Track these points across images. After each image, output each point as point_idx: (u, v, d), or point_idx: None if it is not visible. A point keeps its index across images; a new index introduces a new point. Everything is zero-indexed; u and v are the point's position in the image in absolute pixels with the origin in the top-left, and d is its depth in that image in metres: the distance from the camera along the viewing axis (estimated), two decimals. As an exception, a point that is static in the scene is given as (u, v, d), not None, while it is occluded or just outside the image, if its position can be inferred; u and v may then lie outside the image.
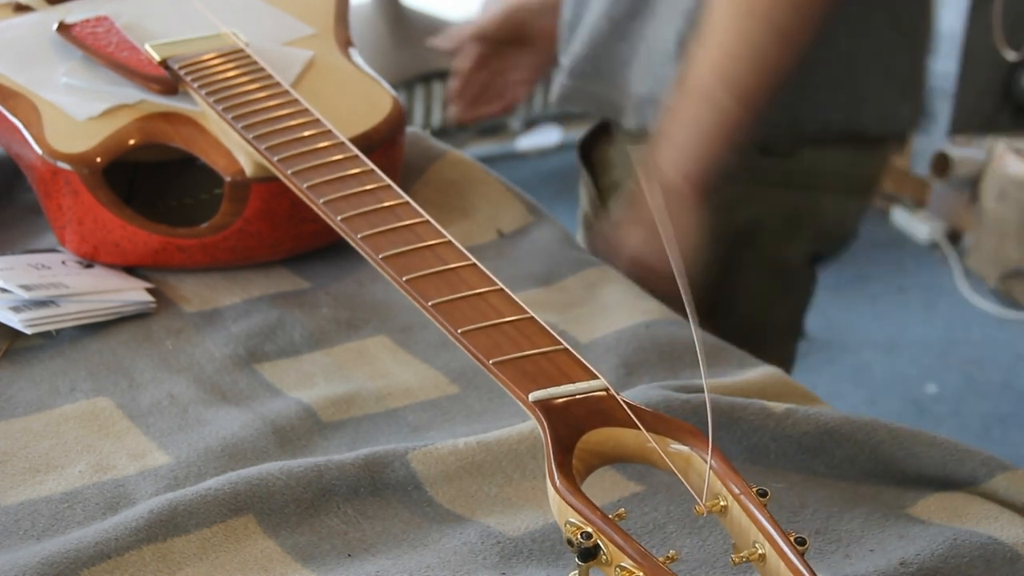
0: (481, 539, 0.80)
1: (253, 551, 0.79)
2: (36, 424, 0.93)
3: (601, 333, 1.05)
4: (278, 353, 1.02)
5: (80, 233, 1.10)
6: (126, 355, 1.01)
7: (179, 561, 0.78)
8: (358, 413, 0.95)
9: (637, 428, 0.72)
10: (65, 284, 1.06)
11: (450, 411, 0.96)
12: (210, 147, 1.10)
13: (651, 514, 0.82)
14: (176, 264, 1.11)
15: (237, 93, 1.10)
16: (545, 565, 0.78)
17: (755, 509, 0.66)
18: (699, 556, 0.79)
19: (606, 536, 0.64)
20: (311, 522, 0.82)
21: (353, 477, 0.84)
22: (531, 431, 0.88)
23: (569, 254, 1.18)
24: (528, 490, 0.86)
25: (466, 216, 1.22)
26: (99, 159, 1.09)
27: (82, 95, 1.14)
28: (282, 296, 1.10)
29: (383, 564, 0.78)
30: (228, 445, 0.90)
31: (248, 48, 1.17)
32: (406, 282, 0.85)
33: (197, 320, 1.06)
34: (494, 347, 0.78)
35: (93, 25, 1.20)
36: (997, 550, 0.78)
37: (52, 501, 0.84)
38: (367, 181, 0.97)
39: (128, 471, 0.88)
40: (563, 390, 0.74)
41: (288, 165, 1.00)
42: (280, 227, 1.11)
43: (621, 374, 1.00)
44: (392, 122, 1.17)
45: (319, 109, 1.07)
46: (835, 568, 0.78)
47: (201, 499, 0.81)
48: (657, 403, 0.88)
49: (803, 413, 0.90)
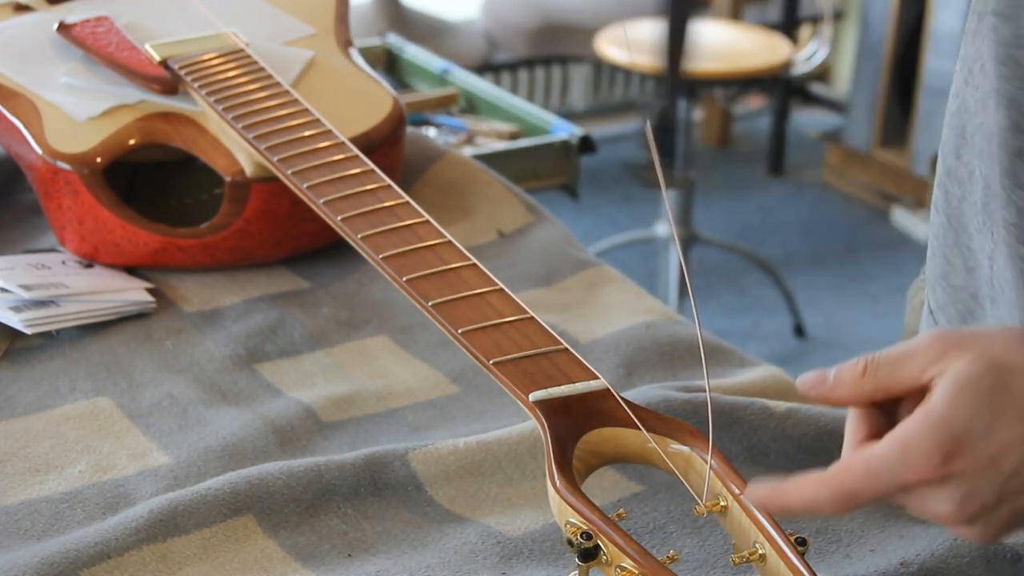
0: (481, 539, 0.80)
1: (253, 551, 0.79)
2: (36, 424, 0.93)
3: (601, 333, 1.05)
4: (278, 353, 1.02)
5: (80, 233, 1.10)
6: (126, 355, 1.01)
7: (179, 561, 0.78)
8: (358, 413, 0.95)
9: (637, 428, 0.72)
10: (65, 284, 1.06)
11: (450, 411, 0.96)
12: (210, 147, 1.10)
13: (651, 514, 0.82)
14: (176, 264, 1.11)
15: (237, 93, 1.10)
16: (545, 565, 0.78)
17: (755, 509, 0.66)
18: (699, 556, 0.79)
19: (606, 536, 0.64)
20: (311, 522, 0.82)
21: (353, 477, 0.84)
22: (531, 431, 0.88)
23: (569, 254, 1.18)
24: (528, 490, 0.86)
25: (466, 216, 1.22)
26: (99, 159, 1.09)
27: (82, 95, 1.14)
28: (282, 296, 1.10)
29: (383, 564, 0.78)
30: (228, 445, 0.90)
31: (248, 48, 1.17)
32: (406, 282, 0.85)
33: (197, 320, 1.06)
34: (494, 347, 0.78)
35: (93, 25, 1.20)
36: (998, 550, 0.78)
37: (52, 501, 0.84)
38: (367, 181, 0.97)
39: (128, 471, 0.88)
40: (563, 390, 0.74)
41: (288, 165, 1.00)
42: (280, 227, 1.11)
43: (621, 374, 1.00)
44: (392, 122, 1.17)
45: (319, 109, 1.07)
46: (835, 568, 0.78)
47: (201, 499, 0.80)
48: (657, 403, 0.88)
49: (803, 413, 0.90)
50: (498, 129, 1.63)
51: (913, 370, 0.64)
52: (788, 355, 3.03)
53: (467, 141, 1.60)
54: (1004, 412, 0.62)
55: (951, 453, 0.62)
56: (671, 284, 3.00)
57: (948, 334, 0.65)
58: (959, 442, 0.62)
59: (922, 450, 0.62)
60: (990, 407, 0.62)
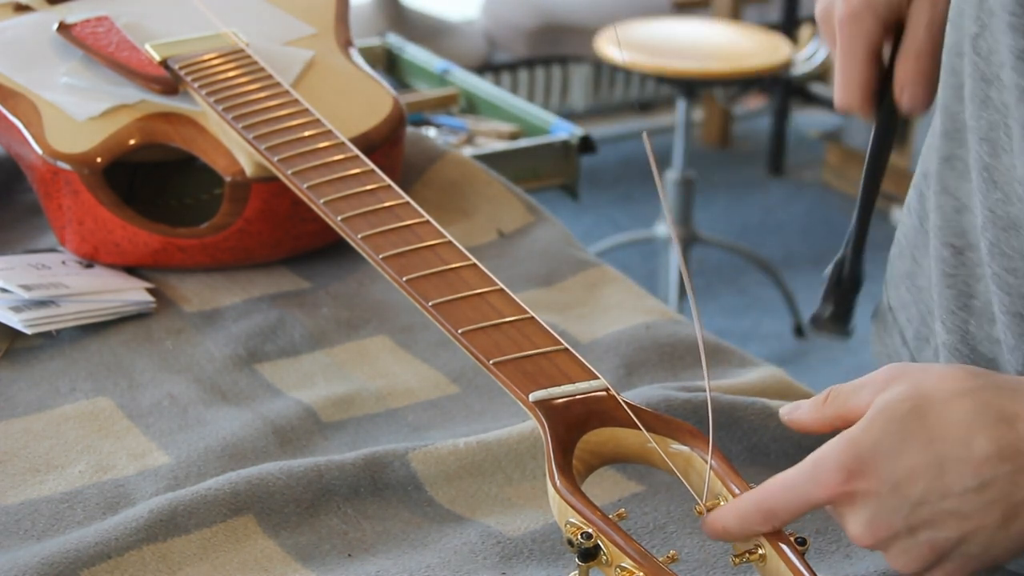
0: (481, 539, 0.80)
1: (253, 551, 0.79)
2: (36, 424, 0.93)
3: (602, 333, 1.05)
4: (278, 353, 1.02)
5: (80, 233, 1.10)
6: (126, 355, 1.01)
7: (179, 561, 0.78)
8: (358, 413, 0.95)
9: (637, 428, 0.72)
10: (65, 284, 1.06)
11: (450, 411, 0.96)
12: (210, 147, 1.10)
13: (651, 514, 0.82)
14: (176, 264, 1.11)
15: (237, 93, 1.10)
16: (545, 565, 0.78)
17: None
18: (699, 556, 0.79)
19: (606, 536, 0.64)
20: (311, 522, 0.82)
21: (353, 477, 0.84)
22: (531, 431, 0.88)
23: (569, 254, 1.17)
24: (528, 490, 0.86)
25: (466, 216, 1.22)
26: (99, 159, 1.09)
27: (82, 95, 1.14)
28: (282, 296, 1.10)
29: (383, 564, 0.78)
30: (228, 445, 0.90)
31: (248, 48, 1.17)
32: (406, 282, 0.85)
33: (197, 320, 1.06)
34: (494, 347, 0.78)
35: (93, 25, 1.20)
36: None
37: (52, 501, 0.84)
38: (367, 181, 0.97)
39: (128, 471, 0.88)
40: (563, 390, 0.74)
41: (288, 165, 1.00)
42: (280, 227, 1.11)
43: (621, 374, 1.00)
44: (392, 122, 1.17)
45: (319, 109, 1.07)
46: (835, 568, 0.78)
47: (201, 499, 0.80)
48: (657, 403, 0.88)
49: (803, 413, 0.90)
50: (498, 129, 1.63)
51: (864, 398, 0.66)
52: (788, 355, 3.03)
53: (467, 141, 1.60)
54: (914, 438, 0.63)
55: (854, 472, 0.63)
56: (671, 284, 3.00)
57: (897, 366, 0.67)
58: (863, 462, 0.63)
59: (828, 467, 0.64)
60: (900, 432, 0.63)
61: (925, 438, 0.63)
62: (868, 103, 0.82)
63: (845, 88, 0.82)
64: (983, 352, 0.75)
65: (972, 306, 0.75)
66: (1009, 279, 0.70)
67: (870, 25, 0.80)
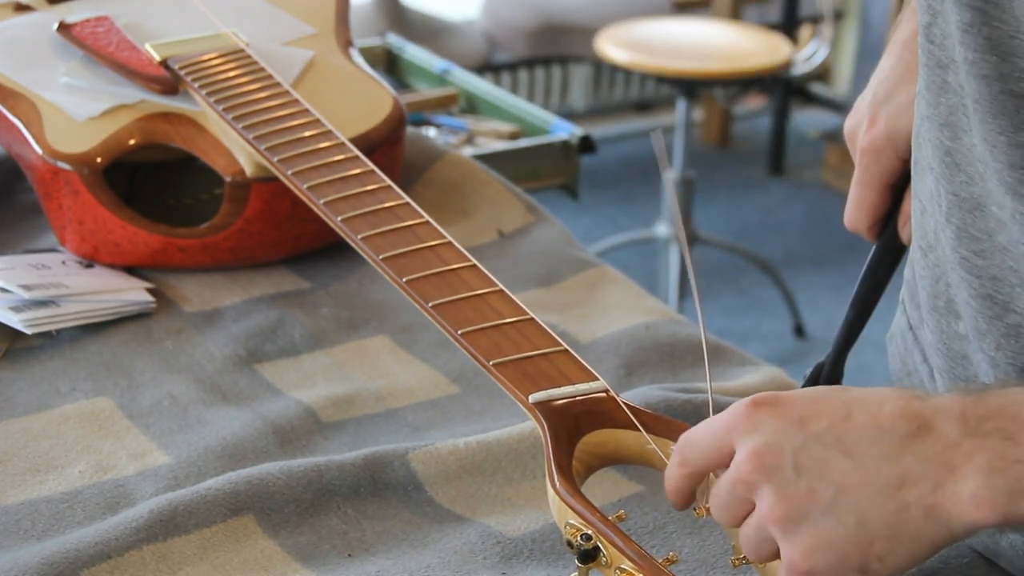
0: (481, 539, 0.80)
1: (253, 551, 0.79)
2: (36, 424, 0.93)
3: (601, 334, 1.05)
4: (278, 353, 1.02)
5: (80, 233, 1.10)
6: (126, 355, 1.01)
7: (179, 561, 0.78)
8: (358, 413, 0.95)
9: (637, 429, 0.72)
10: (65, 284, 1.06)
11: (450, 411, 0.96)
12: (210, 147, 1.10)
13: (651, 514, 0.82)
14: (176, 264, 1.11)
15: (237, 93, 1.10)
16: (545, 565, 0.78)
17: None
18: (699, 556, 0.79)
19: (606, 538, 0.64)
20: (311, 522, 0.82)
21: (353, 477, 0.84)
22: (531, 431, 0.88)
23: (569, 254, 1.18)
24: (528, 490, 0.86)
25: (466, 216, 1.22)
26: (99, 159, 1.09)
27: (82, 95, 1.14)
28: (282, 296, 1.10)
29: (383, 564, 0.78)
30: (228, 445, 0.90)
31: (248, 48, 1.17)
32: (406, 283, 0.85)
33: (197, 320, 1.06)
34: (494, 348, 0.78)
35: (93, 25, 1.20)
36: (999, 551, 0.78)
37: (52, 501, 0.84)
38: (367, 181, 0.97)
39: (128, 471, 0.88)
40: (563, 391, 0.74)
41: (288, 165, 1.00)
42: (280, 227, 1.11)
43: (621, 375, 1.00)
44: (392, 122, 1.17)
45: (319, 109, 1.07)
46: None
47: (201, 499, 0.80)
48: (657, 404, 0.88)
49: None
50: (498, 129, 1.63)
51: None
52: (788, 355, 3.03)
53: (467, 141, 1.60)
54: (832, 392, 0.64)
55: (762, 402, 0.64)
56: (671, 284, 3.00)
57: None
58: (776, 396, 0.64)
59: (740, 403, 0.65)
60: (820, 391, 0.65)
61: (843, 394, 0.64)
62: (874, 229, 0.87)
63: (855, 212, 0.86)
64: (956, 349, 0.75)
65: (938, 306, 0.76)
66: (978, 261, 0.70)
67: (888, 159, 0.84)
